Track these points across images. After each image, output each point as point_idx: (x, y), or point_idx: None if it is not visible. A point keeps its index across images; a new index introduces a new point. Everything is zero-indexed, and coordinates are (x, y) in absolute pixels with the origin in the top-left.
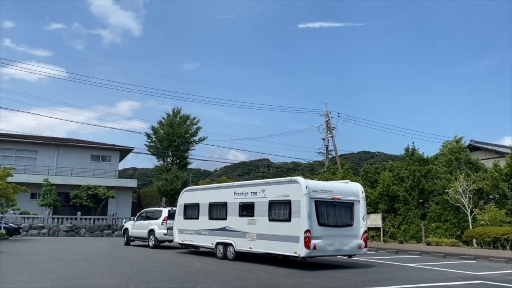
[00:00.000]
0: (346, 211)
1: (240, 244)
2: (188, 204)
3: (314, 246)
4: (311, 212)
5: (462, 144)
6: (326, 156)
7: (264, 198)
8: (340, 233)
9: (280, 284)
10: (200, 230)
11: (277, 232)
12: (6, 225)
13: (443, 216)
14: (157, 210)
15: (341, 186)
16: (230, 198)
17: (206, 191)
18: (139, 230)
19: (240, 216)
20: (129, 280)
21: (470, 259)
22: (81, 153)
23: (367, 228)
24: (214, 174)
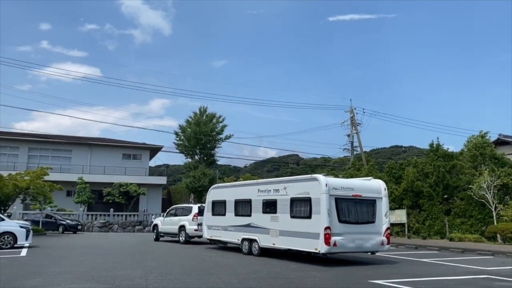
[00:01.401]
0: (368, 208)
1: (264, 240)
2: (216, 201)
3: (335, 243)
4: (331, 209)
5: (487, 139)
6: (351, 152)
7: (286, 195)
8: (362, 230)
9: (288, 276)
10: (227, 226)
11: (298, 229)
12: (64, 222)
13: (467, 212)
14: (187, 207)
15: (362, 183)
16: (254, 195)
17: (232, 188)
18: (169, 226)
19: (263, 212)
20: (150, 272)
21: (488, 254)
22: (113, 152)
23: (389, 225)
24: (243, 170)
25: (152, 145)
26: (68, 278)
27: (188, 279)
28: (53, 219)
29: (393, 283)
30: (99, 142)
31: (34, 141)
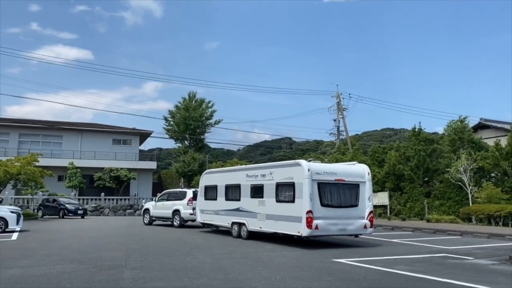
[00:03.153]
0: (351, 192)
1: (252, 223)
2: (208, 186)
3: (316, 226)
4: (313, 193)
5: (466, 123)
6: (337, 136)
7: (272, 180)
8: (344, 213)
9: (259, 256)
10: (218, 211)
11: (283, 213)
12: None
13: (446, 194)
14: (181, 191)
15: (346, 168)
16: (243, 180)
17: (223, 173)
18: (162, 211)
19: (251, 197)
20: (132, 253)
21: (457, 235)
22: (103, 137)
23: (373, 209)
24: (237, 153)
25: (142, 130)
26: (55, 260)
27: (166, 260)
28: (56, 203)
29: (353, 261)
30: (90, 128)
31: (25, 127)
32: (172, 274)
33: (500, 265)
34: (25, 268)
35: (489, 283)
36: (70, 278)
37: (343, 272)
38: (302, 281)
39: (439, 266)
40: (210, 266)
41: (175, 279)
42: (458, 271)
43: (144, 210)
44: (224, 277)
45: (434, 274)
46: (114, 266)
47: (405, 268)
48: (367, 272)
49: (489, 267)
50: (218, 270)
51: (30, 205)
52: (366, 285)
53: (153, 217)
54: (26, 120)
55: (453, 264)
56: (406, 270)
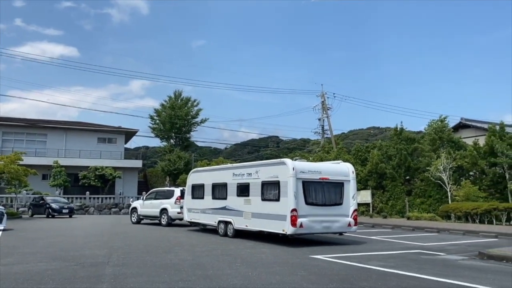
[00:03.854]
0: (336, 190)
1: (238, 222)
2: (195, 184)
3: (301, 224)
4: (298, 192)
5: (446, 123)
6: (322, 135)
7: (258, 179)
8: (329, 212)
9: (239, 253)
10: (205, 209)
11: (268, 211)
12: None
13: (427, 192)
14: (169, 190)
15: (330, 167)
16: (229, 179)
17: (210, 172)
18: (150, 209)
19: (238, 196)
20: (115, 251)
21: (434, 232)
22: (88, 136)
23: (357, 207)
24: (224, 151)
25: (127, 129)
26: (38, 257)
27: (148, 257)
28: (42, 202)
29: (329, 258)
30: (74, 126)
31: (8, 125)
32: (153, 271)
33: (469, 261)
34: (8, 266)
35: (454, 276)
36: (52, 275)
37: (318, 267)
38: (277, 276)
39: (411, 262)
40: (190, 263)
41: (155, 275)
42: (428, 266)
43: (132, 209)
44: (203, 273)
45: (405, 269)
46: (97, 264)
47: (378, 264)
48: (341, 268)
49: (458, 262)
50: (197, 267)
51: (13, 204)
52: (338, 279)
53: (141, 216)
54: (10, 118)
55: (425, 260)
56: (378, 266)
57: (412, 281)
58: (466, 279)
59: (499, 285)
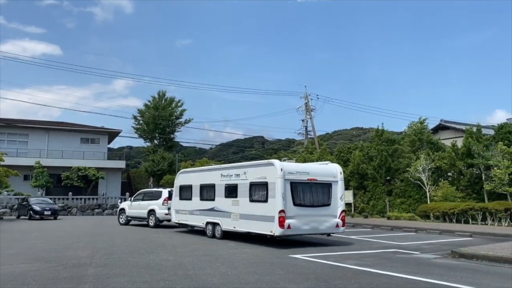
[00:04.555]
0: (323, 191)
1: (226, 223)
2: (183, 185)
3: (289, 226)
4: (286, 193)
5: (425, 125)
6: (305, 136)
7: (246, 180)
8: (317, 212)
9: (220, 253)
10: (193, 210)
11: (256, 212)
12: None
13: (407, 193)
14: (157, 191)
15: (318, 168)
16: (217, 180)
17: (197, 173)
18: (138, 210)
19: (226, 197)
20: (97, 252)
21: (412, 231)
22: (71, 136)
23: (345, 208)
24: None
25: (110, 129)
26: (20, 259)
27: (130, 258)
28: (25, 203)
29: (308, 257)
30: (57, 127)
31: None
32: (135, 271)
33: (441, 259)
34: None
35: (424, 274)
36: (35, 275)
37: (296, 266)
38: (255, 275)
39: (386, 261)
40: (172, 263)
41: (137, 275)
42: (401, 264)
43: (120, 210)
44: (184, 273)
45: (378, 267)
46: (79, 264)
47: (354, 263)
48: (317, 266)
49: (431, 261)
50: (179, 267)
51: None
52: (314, 278)
53: (129, 217)
54: None
55: (399, 259)
56: (354, 264)
57: (383, 279)
58: (435, 276)
59: (465, 282)
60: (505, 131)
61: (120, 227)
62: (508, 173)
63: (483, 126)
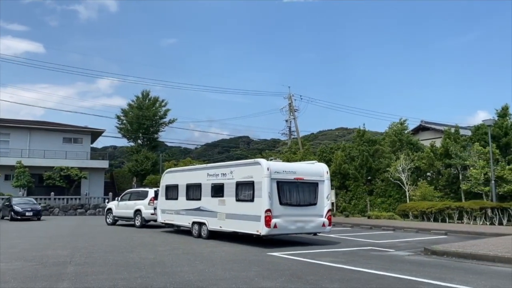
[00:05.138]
0: (310, 190)
1: (212, 223)
2: (169, 185)
3: (275, 225)
4: (272, 192)
5: (405, 126)
6: (288, 136)
7: (232, 179)
8: (303, 212)
9: (200, 252)
10: (179, 210)
11: (243, 212)
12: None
13: (387, 192)
14: (143, 191)
15: (305, 167)
16: (204, 179)
17: (184, 172)
18: (124, 210)
19: (212, 196)
20: (78, 251)
21: (390, 230)
22: (53, 135)
23: (331, 207)
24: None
25: (93, 129)
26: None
27: (110, 256)
28: (7, 204)
29: (285, 254)
30: (39, 126)
31: None
32: (114, 269)
33: (414, 256)
34: None
35: (394, 270)
36: (14, 274)
37: (272, 263)
38: (232, 271)
39: (360, 258)
40: (151, 261)
41: (115, 272)
42: (374, 261)
43: (107, 210)
44: (162, 270)
45: (352, 264)
46: (59, 263)
47: (329, 260)
48: (293, 263)
49: (404, 258)
50: (157, 265)
51: None
52: (288, 274)
53: (116, 217)
54: None
55: (373, 256)
56: (329, 261)
57: (355, 275)
58: (404, 272)
59: (431, 277)
60: (481, 132)
61: (103, 227)
62: (484, 173)
63: (462, 127)
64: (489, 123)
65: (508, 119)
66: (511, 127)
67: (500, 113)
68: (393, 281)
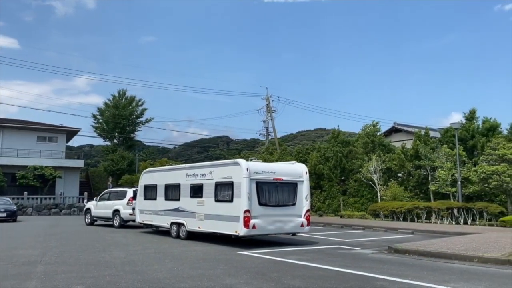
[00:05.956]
0: (289, 191)
1: (191, 224)
2: (148, 185)
3: (254, 225)
4: (252, 192)
5: (377, 127)
6: (266, 137)
7: (211, 179)
8: (282, 212)
9: (171, 251)
10: (157, 211)
11: (222, 212)
12: None
13: (359, 192)
14: (121, 191)
15: (284, 167)
16: (182, 179)
17: (162, 172)
18: (103, 210)
19: (191, 197)
20: (49, 250)
21: (360, 229)
22: (27, 134)
23: (310, 207)
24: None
25: (69, 128)
26: None
27: (81, 255)
28: None
29: (254, 253)
30: (12, 124)
31: None
32: (84, 268)
33: (377, 254)
34: None
35: (355, 267)
36: None
37: (240, 262)
38: (199, 269)
39: (326, 256)
40: (121, 260)
41: (85, 271)
42: (338, 259)
43: (86, 210)
44: (131, 269)
45: (316, 262)
46: (29, 262)
47: (295, 258)
48: (261, 261)
49: (367, 256)
50: (128, 264)
51: None
52: (253, 271)
53: (95, 217)
54: None
55: (339, 254)
56: (295, 259)
57: (317, 272)
58: (364, 269)
59: (387, 273)
60: (450, 135)
61: (77, 227)
62: (451, 174)
63: (434, 129)
64: (456, 126)
65: (475, 123)
66: (478, 130)
67: (468, 116)
68: (352, 278)
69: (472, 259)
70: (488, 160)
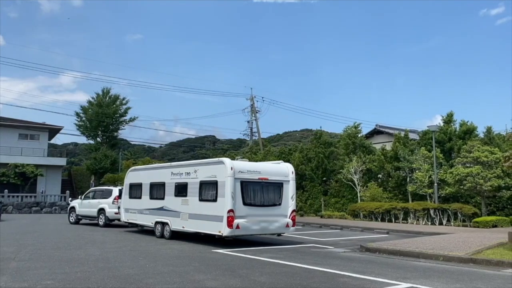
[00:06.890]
0: (274, 191)
1: (175, 223)
2: (133, 184)
3: (237, 226)
4: (236, 192)
5: (359, 129)
6: (250, 137)
7: (196, 178)
8: (267, 212)
9: (147, 249)
10: (142, 210)
11: (206, 212)
12: None
13: (340, 193)
14: (107, 189)
15: (270, 167)
16: (167, 178)
17: (148, 171)
18: (88, 209)
19: (175, 196)
20: (24, 248)
21: (338, 228)
22: (8, 131)
23: (295, 207)
24: (159, 150)
25: (51, 126)
26: None
27: (56, 253)
28: None
29: (228, 251)
30: None
31: None
32: (57, 264)
33: (349, 253)
34: None
35: (324, 265)
36: None
37: (213, 259)
38: (171, 266)
39: (298, 254)
40: (96, 257)
41: (58, 267)
42: (310, 257)
43: (70, 209)
44: (104, 266)
45: (288, 259)
46: (2, 259)
47: (268, 256)
48: (232, 259)
49: (339, 254)
50: (101, 261)
51: None
52: (224, 268)
53: (79, 216)
54: None
55: (311, 252)
56: (267, 257)
57: (285, 269)
58: (332, 266)
59: (353, 270)
60: (428, 137)
61: (58, 225)
62: (428, 176)
63: (411, 130)
64: (433, 128)
65: (452, 125)
66: (455, 133)
67: (445, 119)
68: (318, 274)
69: (438, 257)
70: (463, 163)
